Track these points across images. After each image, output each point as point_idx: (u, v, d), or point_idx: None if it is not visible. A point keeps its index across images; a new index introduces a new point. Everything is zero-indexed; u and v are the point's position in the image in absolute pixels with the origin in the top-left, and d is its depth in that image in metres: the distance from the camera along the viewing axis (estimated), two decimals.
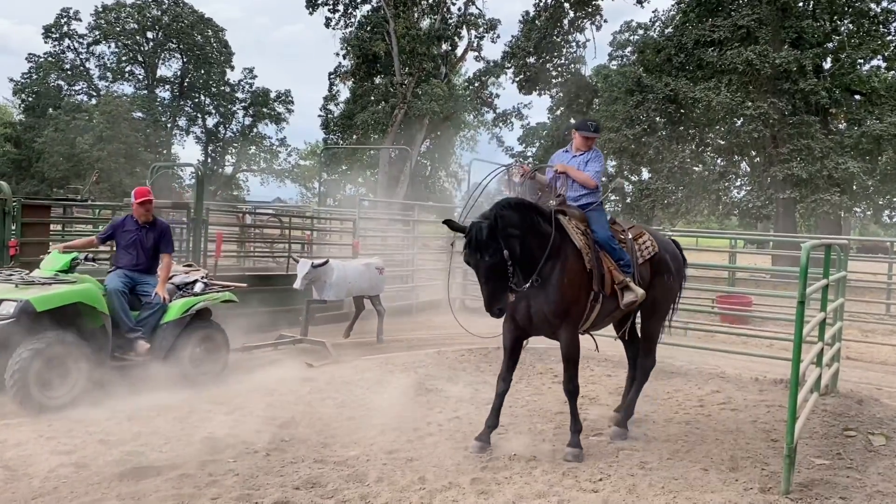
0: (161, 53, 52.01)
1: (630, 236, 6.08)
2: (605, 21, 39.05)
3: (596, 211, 5.96)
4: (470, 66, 51.69)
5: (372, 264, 10.27)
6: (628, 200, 28.69)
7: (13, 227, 8.02)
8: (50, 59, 49.73)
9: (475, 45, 44.66)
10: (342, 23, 42.44)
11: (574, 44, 36.65)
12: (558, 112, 38.64)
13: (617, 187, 9.04)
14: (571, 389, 5.65)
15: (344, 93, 45.23)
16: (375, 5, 41.33)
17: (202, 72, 52.09)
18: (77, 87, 51.34)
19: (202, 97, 53.74)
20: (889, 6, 26.60)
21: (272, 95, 54.38)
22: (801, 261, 4.96)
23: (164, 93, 52.94)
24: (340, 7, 41.95)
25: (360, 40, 40.15)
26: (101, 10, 49.58)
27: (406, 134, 41.53)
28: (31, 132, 46.91)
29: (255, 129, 55.27)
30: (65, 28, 49.94)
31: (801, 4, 26.34)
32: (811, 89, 24.38)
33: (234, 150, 56.00)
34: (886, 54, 27.04)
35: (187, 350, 7.21)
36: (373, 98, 41.60)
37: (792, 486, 4.84)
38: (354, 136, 43.38)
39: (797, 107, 25.14)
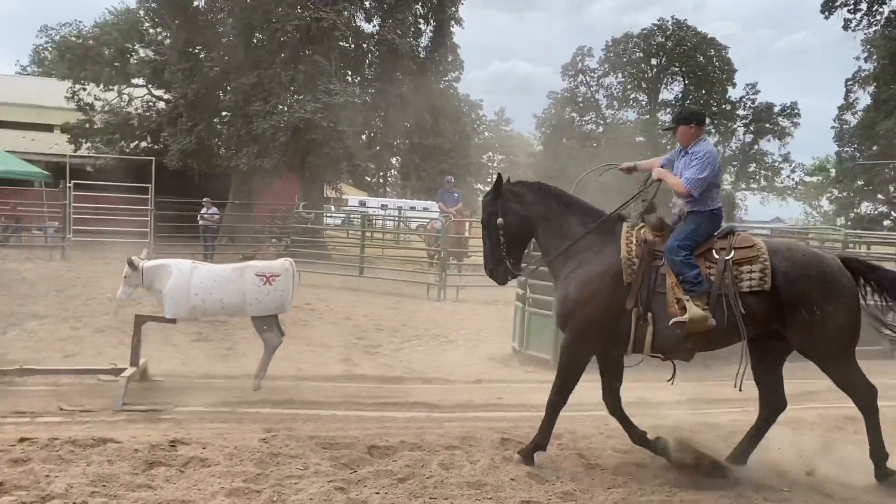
0: (664, 78, 53.92)
1: (729, 257, 5.02)
2: None
3: (691, 219, 5.20)
4: None
5: (249, 269, 7.13)
6: None
7: None
8: (566, 94, 55.79)
9: None
10: (864, 22, 38.13)
11: None
12: None
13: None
14: (550, 401, 5.27)
15: (863, 100, 40.53)
16: None
17: (703, 92, 52.37)
18: (587, 118, 56.52)
19: None
20: None
21: (776, 109, 51.85)
22: None
23: (664, 116, 54.71)
24: (863, 5, 37.73)
25: (888, 39, 35.49)
26: (611, 43, 53.81)
27: None
28: (549, 161, 53.24)
29: (755, 146, 53.38)
30: (579, 65, 55.52)
31: None
32: None
33: (732, 169, 54.91)
34: None
35: None
36: None
37: None
38: (875, 148, 38.47)
39: None
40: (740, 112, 53.14)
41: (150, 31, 27.80)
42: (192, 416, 6.19)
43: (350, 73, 25.00)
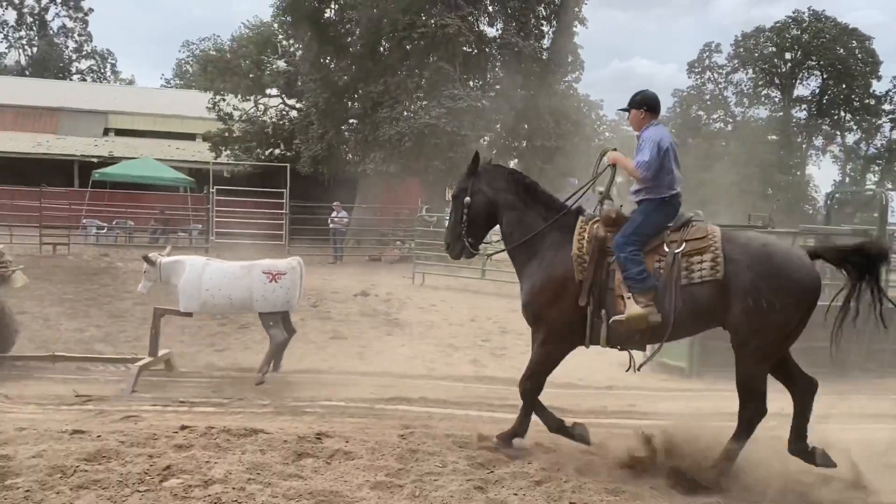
0: (799, 73, 50.94)
1: (679, 250, 4.89)
2: None
3: (641, 210, 5.11)
4: None
5: (257, 267, 7.33)
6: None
7: None
8: (692, 91, 53.79)
9: None
10: None
11: None
12: None
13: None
14: (525, 388, 5.35)
15: None
16: None
17: (843, 86, 49.07)
18: (715, 116, 54.22)
19: (842, 113, 50.64)
20: None
21: None
22: None
23: (799, 113, 51.72)
24: None
25: None
26: (740, 38, 51.42)
27: None
28: None
29: None
30: (706, 62, 53.40)
31: None
32: None
33: (876, 169, 51.14)
34: None
35: None
36: None
37: None
38: None
39: None
40: (886, 107, 49.35)
41: (284, 43, 29.22)
42: (333, 410, 6.48)
43: (473, 77, 25.26)
